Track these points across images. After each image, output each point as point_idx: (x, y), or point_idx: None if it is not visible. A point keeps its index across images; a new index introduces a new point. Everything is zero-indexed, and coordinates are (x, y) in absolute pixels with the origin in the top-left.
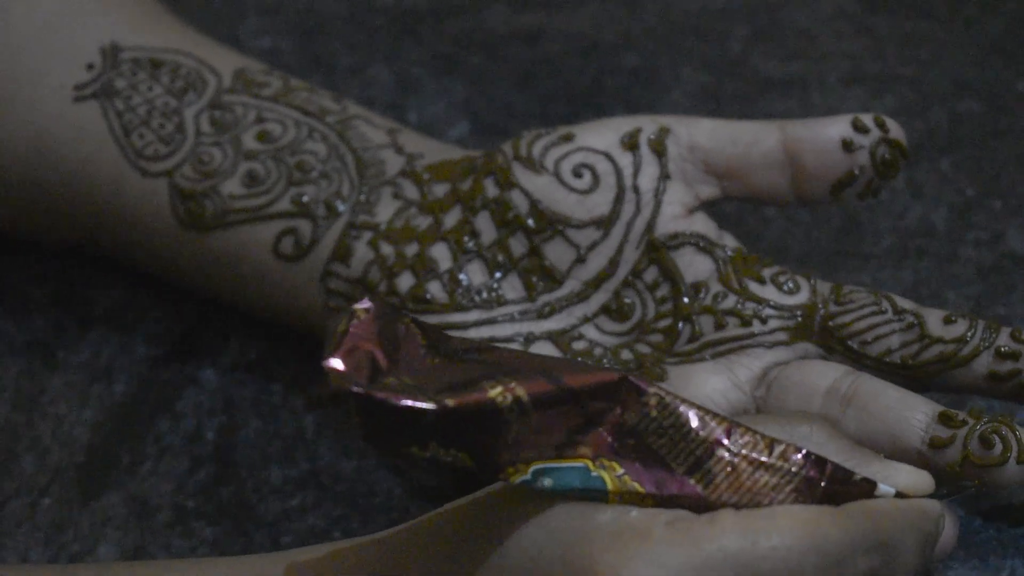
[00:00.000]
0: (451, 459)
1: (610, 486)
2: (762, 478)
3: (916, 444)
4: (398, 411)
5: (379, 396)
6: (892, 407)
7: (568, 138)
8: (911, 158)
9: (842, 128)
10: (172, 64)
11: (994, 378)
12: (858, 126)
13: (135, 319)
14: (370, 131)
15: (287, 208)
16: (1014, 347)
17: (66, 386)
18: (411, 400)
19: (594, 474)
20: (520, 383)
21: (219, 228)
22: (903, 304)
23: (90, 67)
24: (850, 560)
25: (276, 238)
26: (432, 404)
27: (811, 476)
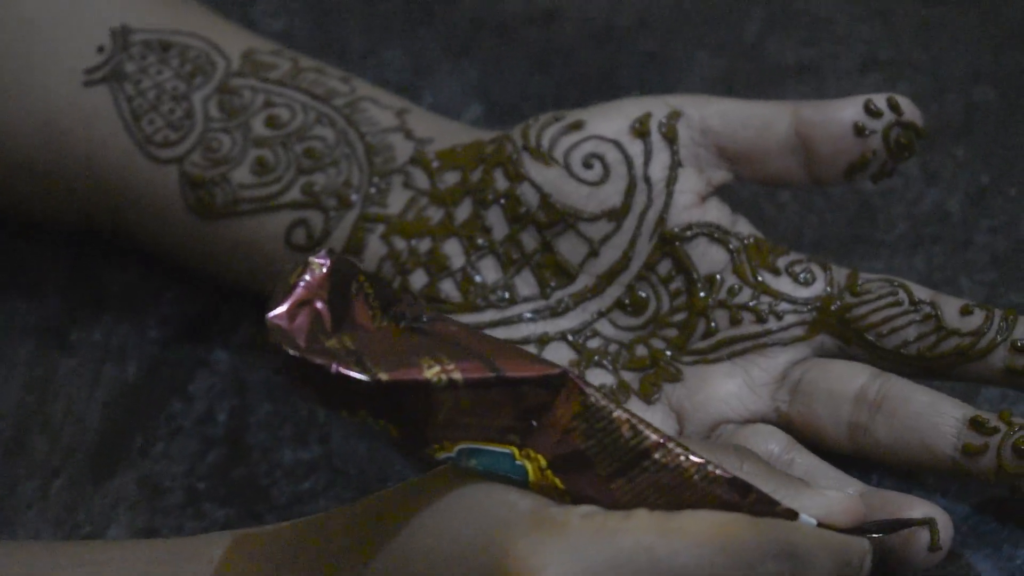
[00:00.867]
0: (379, 428)
1: (532, 477)
2: (683, 495)
3: (949, 451)
4: (331, 377)
5: (314, 361)
6: (922, 413)
7: (577, 126)
8: (926, 144)
9: (854, 112)
10: (181, 46)
11: (1011, 372)
12: (870, 109)
13: (148, 301)
14: (379, 113)
15: (297, 198)
16: None
17: (78, 367)
18: (345, 368)
19: (519, 463)
20: (458, 365)
21: (230, 217)
22: (920, 294)
23: (100, 49)
24: (760, 564)
25: (288, 229)
26: (366, 376)
27: (732, 500)
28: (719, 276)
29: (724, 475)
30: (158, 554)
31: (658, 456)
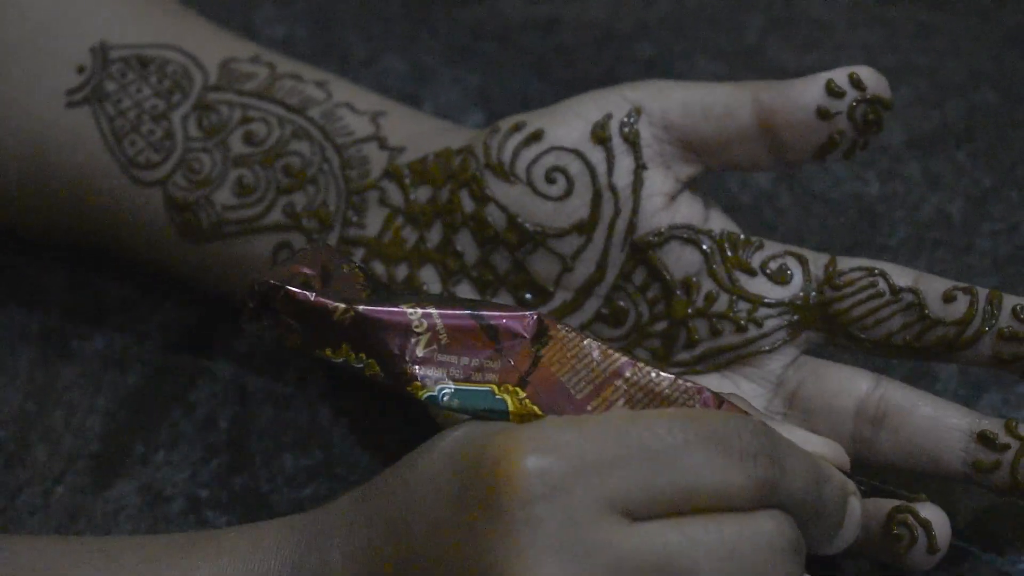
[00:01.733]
0: (361, 365)
1: (511, 407)
2: (657, 407)
3: (957, 465)
4: (311, 307)
5: (294, 290)
6: (927, 429)
7: (537, 136)
8: (927, 148)
9: (816, 94)
10: (160, 61)
11: (998, 359)
12: (832, 90)
13: (149, 310)
14: (354, 121)
15: (280, 220)
16: (1016, 328)
17: (80, 375)
18: (323, 298)
19: (498, 397)
20: (437, 307)
21: (216, 239)
22: (900, 280)
23: (81, 69)
24: (735, 435)
25: (273, 251)
26: (344, 304)
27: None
28: (695, 279)
29: (695, 386)
30: (171, 550)
31: (629, 374)
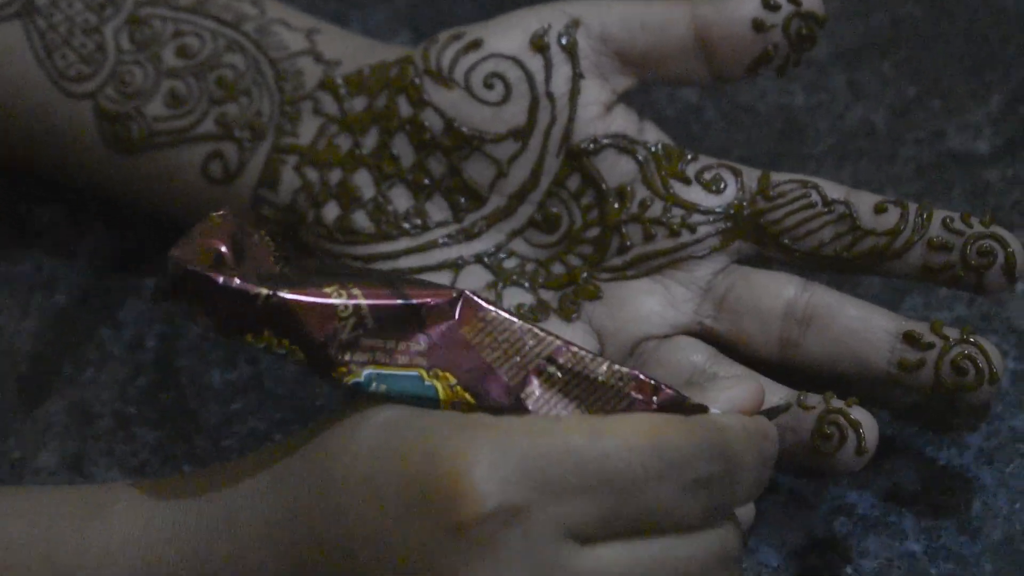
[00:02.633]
0: (284, 352)
1: (442, 395)
2: (594, 397)
3: (883, 365)
4: (231, 292)
5: (214, 276)
6: (854, 329)
7: (476, 44)
8: (852, 59)
9: (752, 7)
10: None
11: (928, 269)
12: (768, 3)
13: (77, 232)
14: (288, 36)
15: (211, 130)
16: (946, 238)
17: (8, 297)
18: (245, 283)
19: (427, 383)
20: (361, 289)
21: (146, 150)
22: (833, 193)
23: None
24: (691, 465)
25: (204, 161)
26: (265, 289)
27: (644, 398)
28: (630, 188)
29: (630, 372)
30: (64, 508)
31: (563, 360)
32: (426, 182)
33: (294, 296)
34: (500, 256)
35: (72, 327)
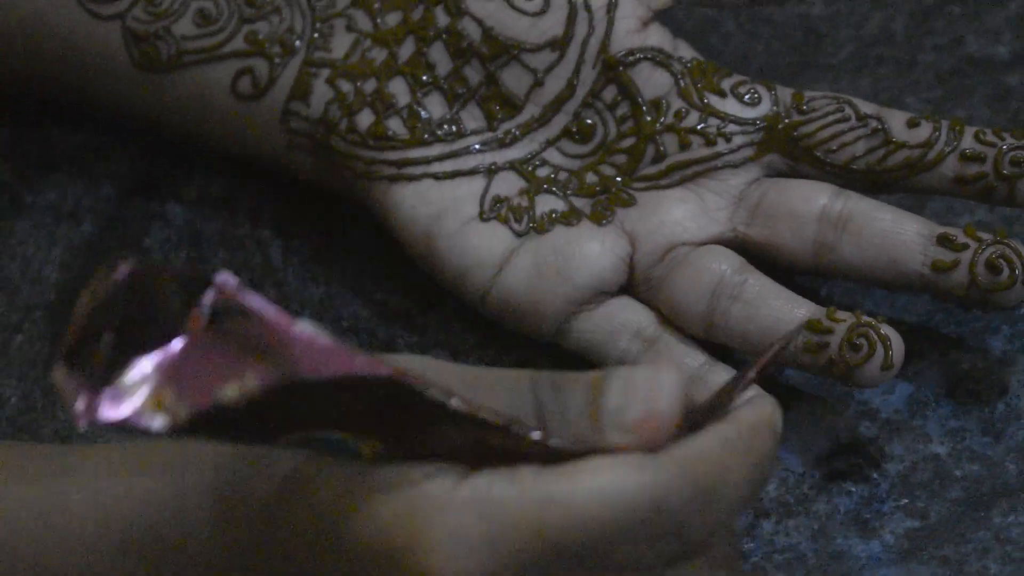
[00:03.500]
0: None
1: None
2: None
3: (917, 267)
4: (133, 429)
5: (110, 417)
6: (888, 231)
7: None
8: None
9: None
10: None
11: (960, 181)
12: None
13: (99, 159)
14: None
15: (241, 47)
16: (979, 149)
17: (34, 227)
18: (141, 418)
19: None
20: (258, 376)
21: (175, 70)
22: (866, 109)
23: None
24: (661, 514)
25: (233, 78)
26: (167, 420)
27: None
28: (665, 100)
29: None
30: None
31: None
32: (461, 91)
33: (190, 416)
34: (534, 163)
35: (98, 256)
